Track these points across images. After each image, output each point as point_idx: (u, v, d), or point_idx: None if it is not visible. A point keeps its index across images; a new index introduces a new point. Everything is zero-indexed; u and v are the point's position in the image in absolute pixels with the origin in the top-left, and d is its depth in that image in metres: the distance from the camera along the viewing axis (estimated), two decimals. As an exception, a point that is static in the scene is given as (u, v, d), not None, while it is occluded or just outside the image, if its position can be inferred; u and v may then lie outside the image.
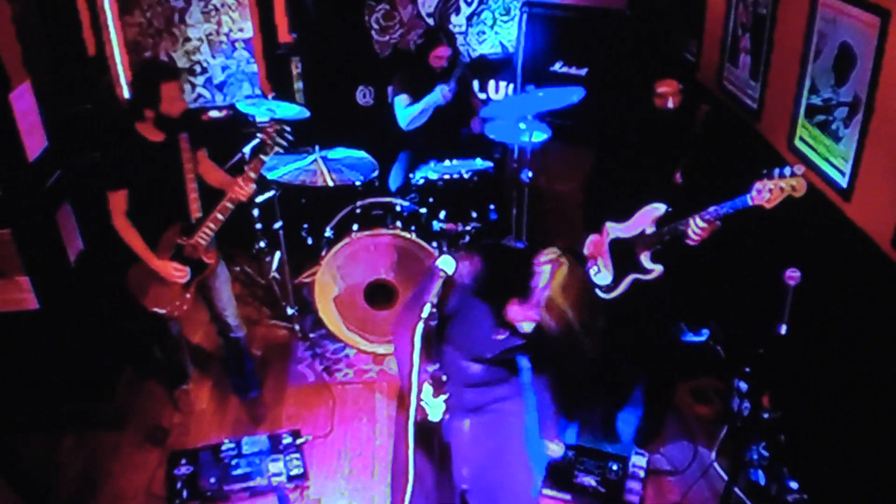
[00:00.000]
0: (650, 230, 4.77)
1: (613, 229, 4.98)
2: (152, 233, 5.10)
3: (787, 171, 3.93)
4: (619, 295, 5.07)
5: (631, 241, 4.89)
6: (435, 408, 3.49)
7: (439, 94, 6.44)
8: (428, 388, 3.47)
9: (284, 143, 5.16)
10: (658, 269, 4.81)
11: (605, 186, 5.13)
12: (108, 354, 6.08)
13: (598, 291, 5.25)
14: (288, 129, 5.20)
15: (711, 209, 4.25)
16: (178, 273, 5.12)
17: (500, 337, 3.62)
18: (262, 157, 5.11)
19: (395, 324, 3.99)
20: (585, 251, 5.21)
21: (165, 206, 5.10)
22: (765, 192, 3.97)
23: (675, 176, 4.71)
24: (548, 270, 3.28)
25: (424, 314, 3.16)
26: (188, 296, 5.23)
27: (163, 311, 5.25)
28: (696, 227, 4.34)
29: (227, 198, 5.07)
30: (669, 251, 4.74)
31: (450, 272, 3.26)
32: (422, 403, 3.46)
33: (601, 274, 5.17)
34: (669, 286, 4.91)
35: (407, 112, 6.64)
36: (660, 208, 4.71)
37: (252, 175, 5.07)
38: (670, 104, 4.66)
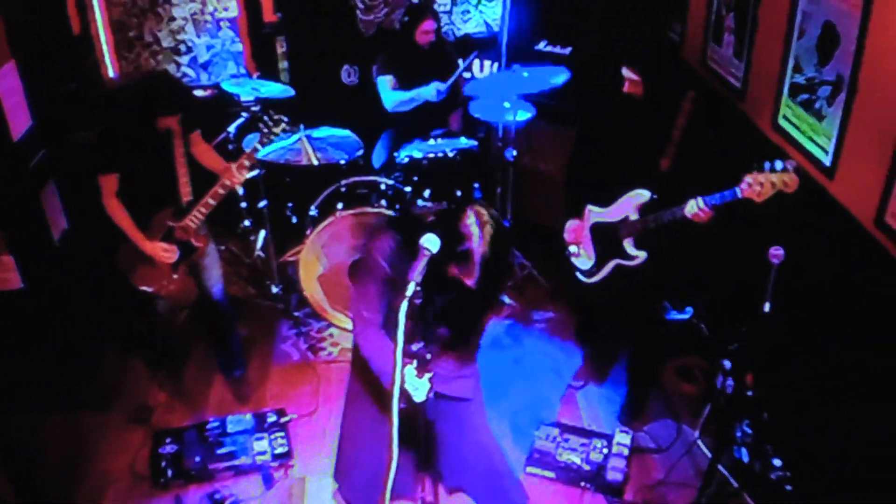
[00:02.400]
0: (634, 217, 4.78)
1: (595, 213, 4.99)
2: (142, 214, 5.10)
3: (779, 165, 3.94)
4: (600, 279, 5.09)
5: (614, 227, 4.89)
6: (420, 387, 3.51)
7: (433, 90, 6.46)
8: (411, 369, 3.49)
9: (279, 132, 5.22)
10: (642, 255, 4.82)
11: (585, 168, 5.13)
12: (92, 333, 6.06)
13: (578, 276, 5.27)
14: (286, 118, 5.28)
15: (707, 197, 4.27)
16: (167, 254, 5.12)
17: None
18: (258, 145, 5.17)
19: (354, 315, 4.00)
20: (566, 237, 5.22)
21: (156, 188, 5.11)
22: (755, 186, 4.00)
23: (660, 163, 4.70)
24: (477, 232, 3.40)
25: (409, 293, 3.17)
26: (176, 276, 5.24)
27: (150, 290, 5.26)
28: (696, 207, 4.34)
29: (219, 184, 5.07)
30: (654, 237, 4.74)
31: (434, 251, 3.26)
32: (406, 386, 3.47)
33: (581, 259, 5.18)
34: (653, 271, 4.92)
35: (393, 96, 6.65)
36: (644, 195, 4.71)
37: (246, 163, 5.09)
38: (629, 88, 4.67)
